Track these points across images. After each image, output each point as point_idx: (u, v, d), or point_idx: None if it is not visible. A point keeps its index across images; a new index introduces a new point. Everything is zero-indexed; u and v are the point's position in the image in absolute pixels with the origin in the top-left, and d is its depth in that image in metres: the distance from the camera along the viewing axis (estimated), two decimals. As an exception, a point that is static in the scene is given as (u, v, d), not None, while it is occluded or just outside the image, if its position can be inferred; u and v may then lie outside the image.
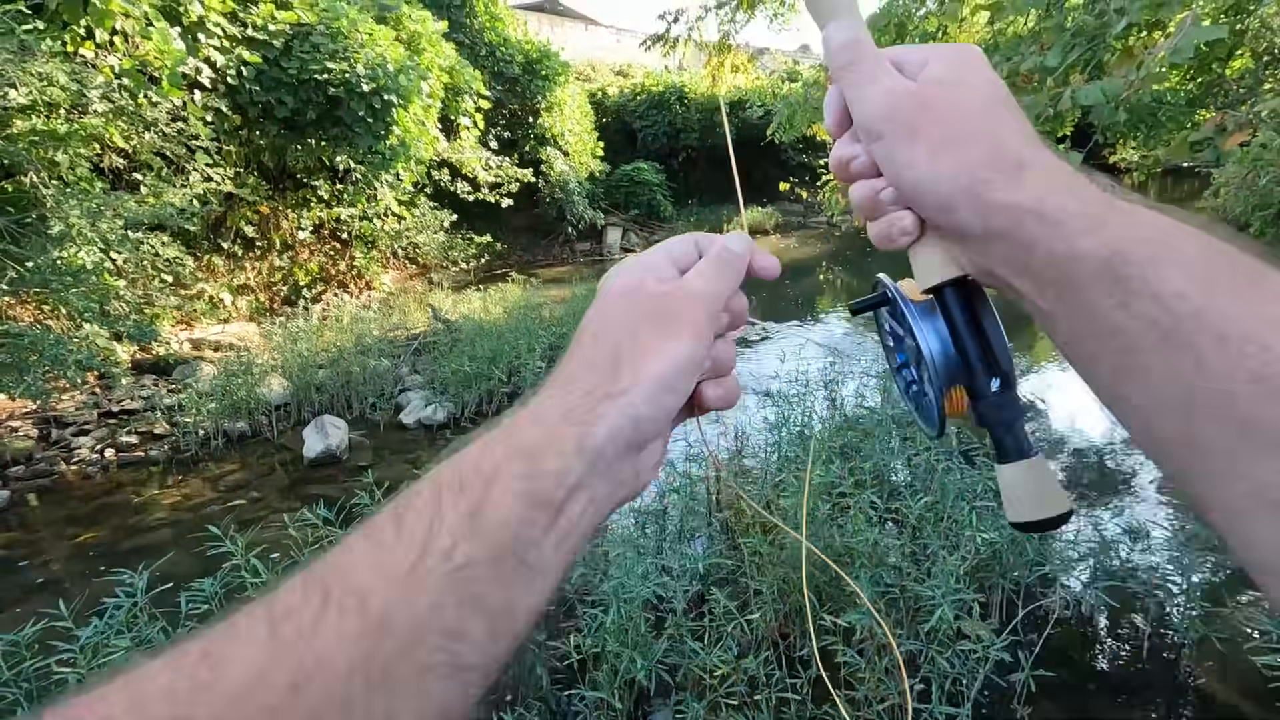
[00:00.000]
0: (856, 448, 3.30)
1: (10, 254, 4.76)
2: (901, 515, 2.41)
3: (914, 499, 2.36)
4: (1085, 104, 4.43)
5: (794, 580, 2.14)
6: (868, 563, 2.14)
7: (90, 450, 4.82)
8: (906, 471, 3.02)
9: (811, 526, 2.30)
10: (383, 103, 8.06)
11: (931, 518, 2.42)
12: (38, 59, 4.76)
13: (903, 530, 2.42)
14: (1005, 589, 2.36)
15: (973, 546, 2.19)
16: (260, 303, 8.70)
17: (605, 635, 1.85)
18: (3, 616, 2.89)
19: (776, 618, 2.16)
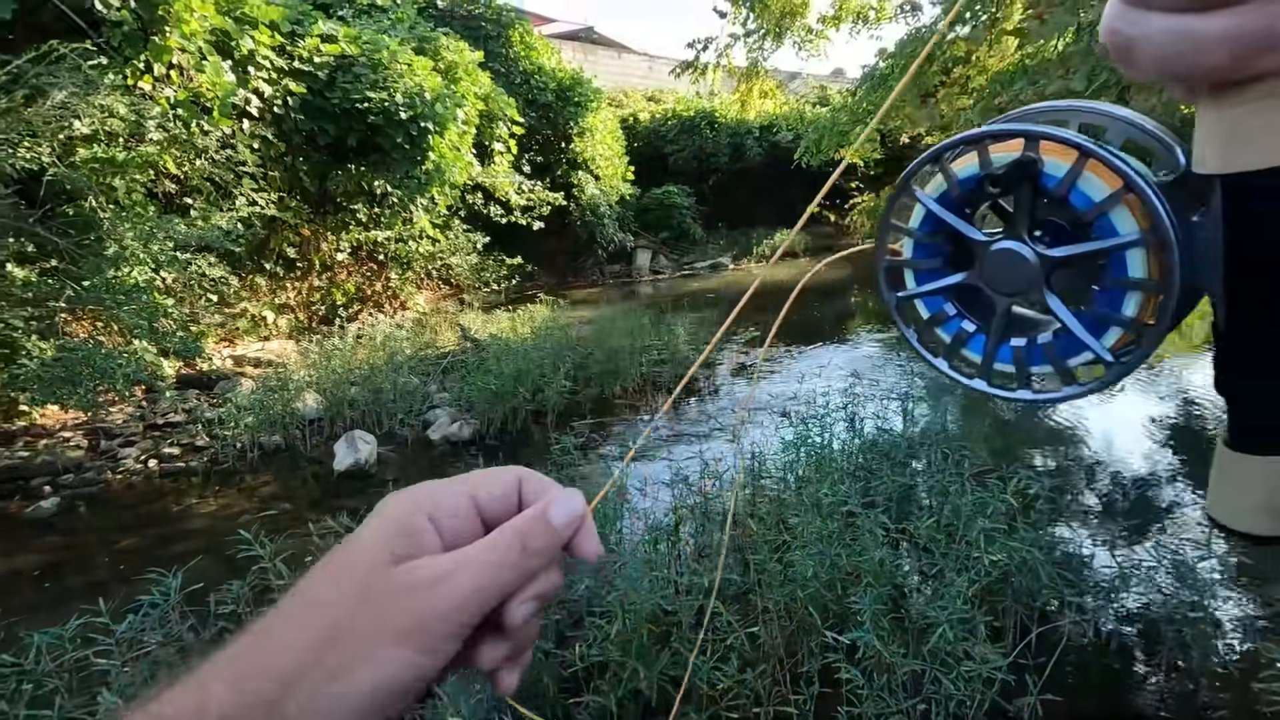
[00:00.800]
0: (872, 469, 3.31)
1: (69, 273, 5.06)
2: (912, 535, 2.41)
3: (925, 519, 2.36)
4: (1111, 127, 4.41)
5: (801, 598, 2.16)
6: (875, 582, 2.15)
7: (135, 460, 5.04)
8: (922, 492, 3.01)
9: (819, 545, 2.32)
10: (420, 129, 8.35)
11: (943, 539, 2.41)
12: (101, 92, 5.09)
13: (913, 550, 2.42)
14: (1018, 613, 2.34)
15: (981, 568, 2.19)
16: (299, 321, 9.01)
17: (610, 646, 1.90)
18: (48, 613, 3.04)
19: (783, 634, 2.18)
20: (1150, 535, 3.23)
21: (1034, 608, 2.31)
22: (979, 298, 0.42)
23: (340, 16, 9.77)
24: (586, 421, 5.22)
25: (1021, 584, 2.30)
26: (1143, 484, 3.90)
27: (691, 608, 2.10)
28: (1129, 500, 3.74)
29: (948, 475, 2.66)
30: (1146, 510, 3.57)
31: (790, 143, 16.31)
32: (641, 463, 4.38)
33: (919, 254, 0.43)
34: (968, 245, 0.41)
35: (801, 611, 2.18)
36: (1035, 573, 2.27)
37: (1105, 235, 0.37)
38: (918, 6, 7.54)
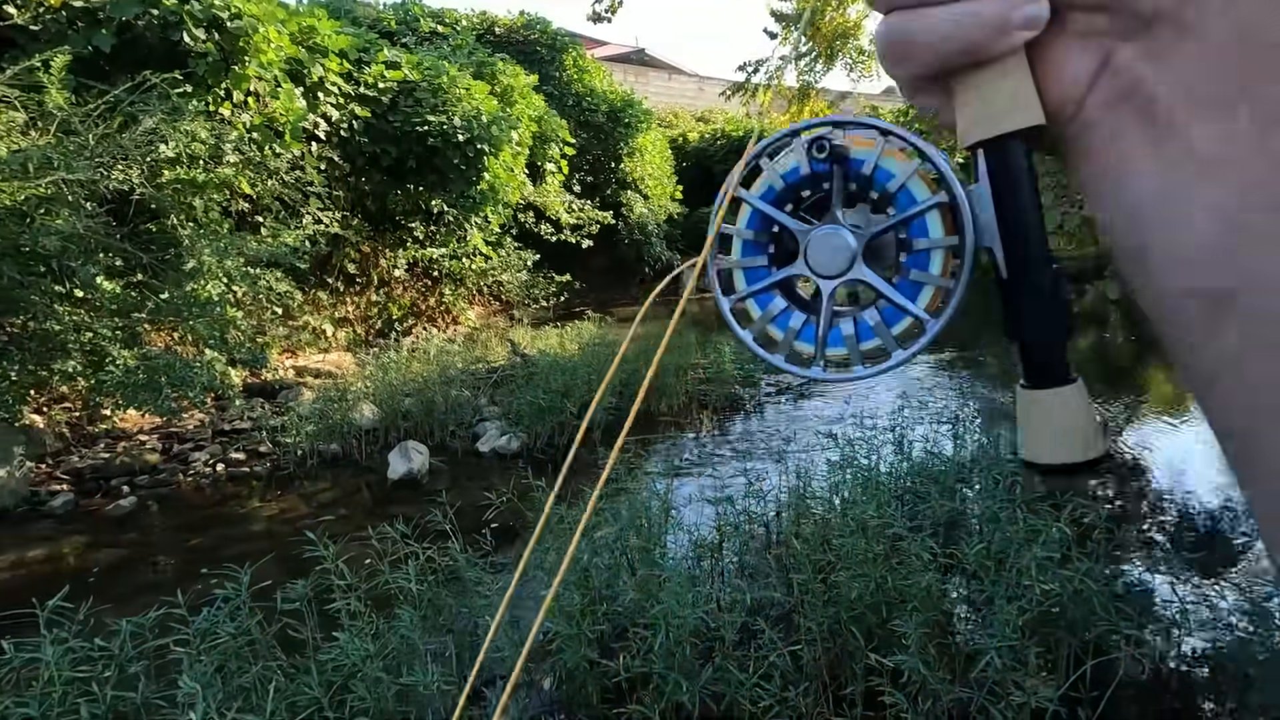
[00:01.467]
0: (920, 493, 3.27)
1: (150, 286, 5.41)
2: (959, 560, 2.38)
3: (972, 545, 2.33)
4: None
5: (845, 619, 2.16)
6: (921, 606, 2.13)
7: (204, 464, 5.32)
8: (972, 518, 2.96)
9: (863, 567, 2.31)
10: (476, 151, 8.65)
11: (993, 566, 2.37)
12: (186, 118, 5.45)
13: (961, 576, 2.38)
14: (1071, 645, 2.28)
15: (1034, 597, 2.15)
16: (357, 334, 9.36)
17: (653, 658, 1.93)
18: (126, 606, 3.24)
19: (826, 656, 2.18)
20: (1217, 570, 3.10)
21: (1088, 640, 2.25)
22: (797, 291, 0.47)
23: (404, 44, 10.24)
24: (633, 437, 5.28)
25: (1075, 615, 2.25)
26: (1209, 517, 3.73)
27: (734, 624, 2.12)
28: (1193, 533, 3.59)
29: (999, 501, 2.62)
30: (1212, 544, 3.42)
31: (840, 162, 16.18)
32: (686, 479, 4.41)
33: (746, 253, 0.47)
34: (790, 238, 0.44)
35: (846, 633, 2.18)
36: (1090, 604, 2.21)
37: (906, 206, 0.41)
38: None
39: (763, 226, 0.48)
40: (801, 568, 2.42)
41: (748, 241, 0.48)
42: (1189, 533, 3.60)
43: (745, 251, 0.49)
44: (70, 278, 4.63)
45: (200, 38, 5.90)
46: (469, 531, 2.88)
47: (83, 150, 4.69)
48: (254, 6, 6.30)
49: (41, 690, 1.81)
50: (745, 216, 0.49)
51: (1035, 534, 2.30)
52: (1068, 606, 2.25)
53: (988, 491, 2.78)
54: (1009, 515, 2.54)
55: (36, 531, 4.32)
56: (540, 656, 2.35)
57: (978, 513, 2.82)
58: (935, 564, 2.33)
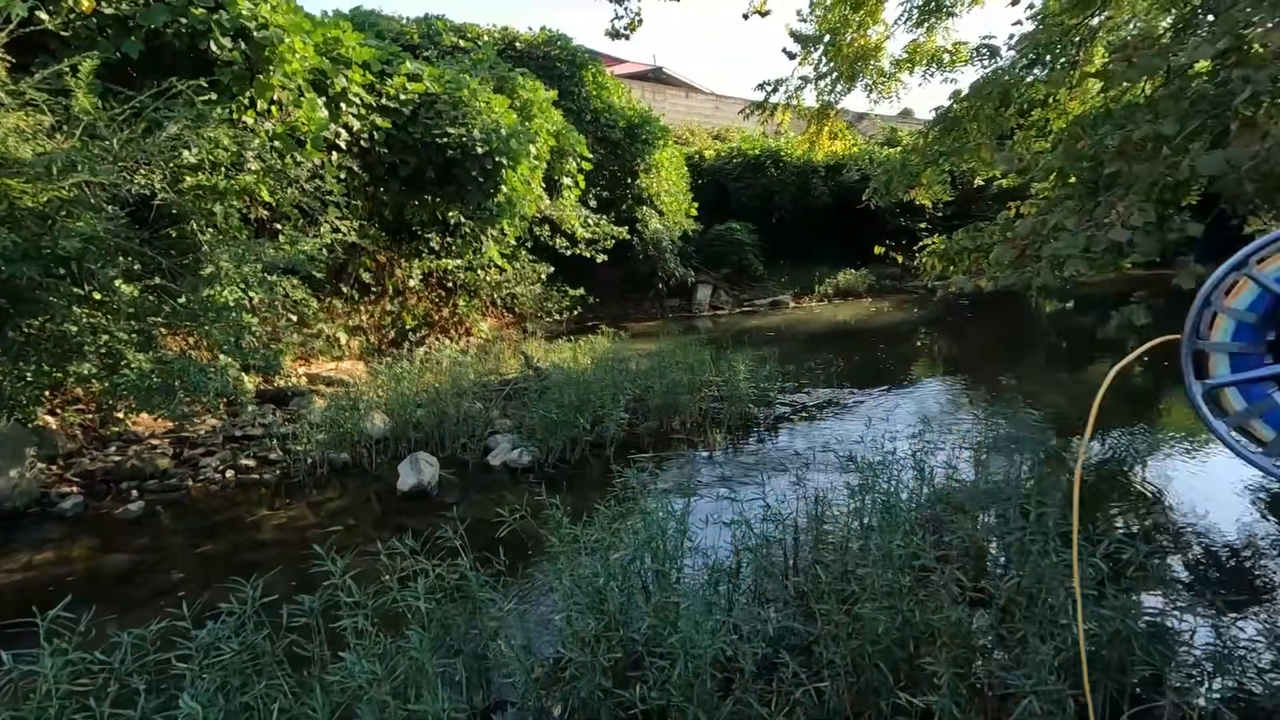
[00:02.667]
0: (944, 521, 3.17)
1: (168, 290, 5.41)
2: (989, 596, 2.29)
3: (1001, 579, 2.24)
4: (1206, 173, 4.19)
5: (870, 653, 2.07)
6: (949, 642, 2.04)
7: (214, 470, 5.29)
8: (998, 550, 2.86)
9: (890, 599, 2.22)
10: (494, 164, 8.68)
11: (1024, 602, 2.28)
12: (209, 125, 5.48)
13: (991, 612, 2.29)
14: (1107, 688, 2.17)
15: (1069, 636, 2.05)
16: (370, 343, 9.36)
17: (671, 689, 1.85)
18: (131, 615, 3.19)
19: (850, 691, 2.09)
20: (1256, 611, 2.97)
21: (1126, 684, 2.14)
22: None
23: (425, 57, 10.33)
24: (646, 455, 5.20)
25: (1112, 657, 2.14)
26: (1239, 554, 3.60)
27: (754, 655, 2.04)
28: (1224, 571, 3.46)
29: (1029, 533, 2.52)
30: (1246, 583, 3.29)
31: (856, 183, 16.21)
32: (700, 499, 4.33)
33: (1240, 337, 0.40)
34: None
35: (870, 669, 2.09)
36: (1128, 645, 2.11)
37: None
38: (995, 50, 7.43)
39: (1270, 312, 0.41)
40: (824, 597, 2.33)
41: (1245, 324, 0.42)
42: (1213, 569, 3.47)
43: (1239, 335, 0.42)
44: (89, 280, 4.64)
45: (227, 46, 5.96)
46: (480, 548, 2.81)
47: (107, 154, 4.72)
48: (280, 17, 6.37)
49: (38, 704, 1.75)
50: (1248, 297, 0.42)
51: (1070, 569, 2.20)
52: (1104, 647, 2.15)
53: (1015, 522, 2.68)
54: (1040, 548, 2.45)
55: (46, 534, 4.30)
56: (550, 683, 2.27)
57: (1005, 544, 2.72)
58: (963, 597, 2.24)
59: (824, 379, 7.62)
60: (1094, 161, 5.07)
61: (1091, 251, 4.94)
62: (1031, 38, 6.47)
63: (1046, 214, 5.30)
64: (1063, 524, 2.47)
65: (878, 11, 8.54)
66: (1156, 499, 4.41)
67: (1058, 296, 13.65)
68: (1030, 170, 6.09)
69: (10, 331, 4.36)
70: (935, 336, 11.62)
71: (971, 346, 10.81)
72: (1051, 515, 2.51)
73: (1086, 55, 7.21)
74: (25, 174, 4.19)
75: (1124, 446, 5.36)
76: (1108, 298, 13.78)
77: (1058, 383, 7.71)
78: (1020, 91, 6.94)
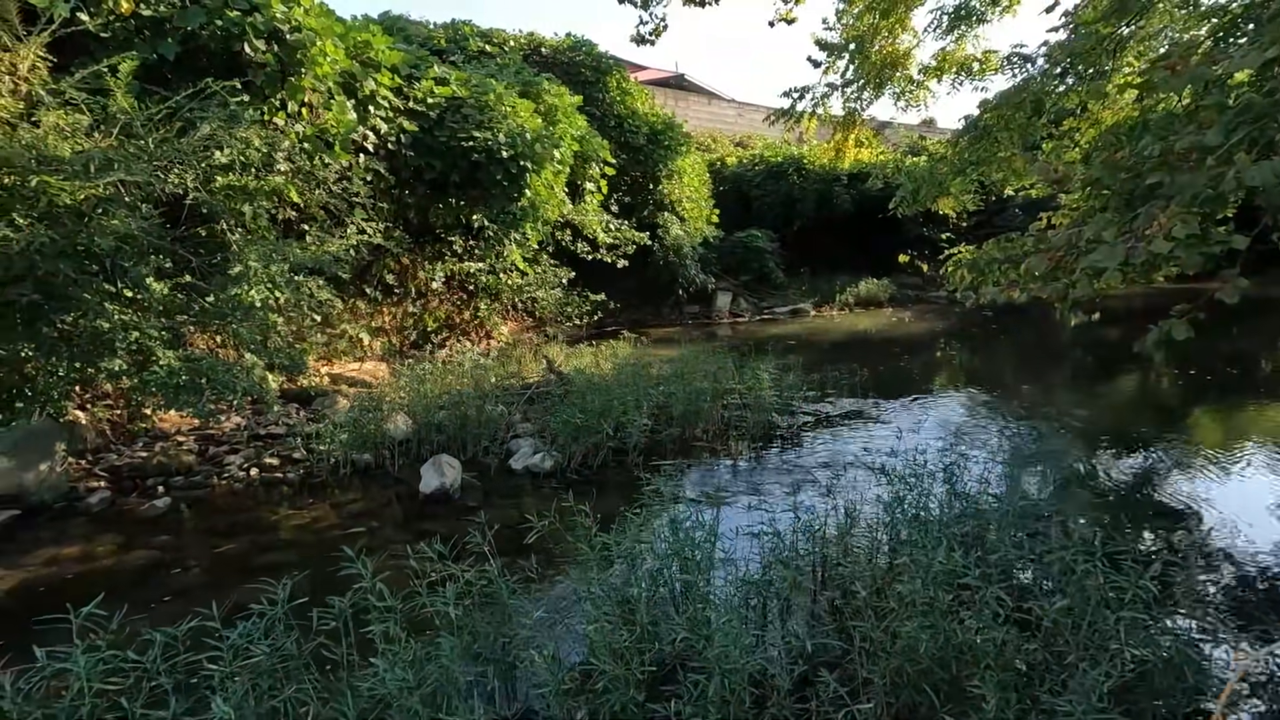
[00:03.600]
0: (980, 538, 3.09)
1: (197, 289, 5.46)
2: (1034, 617, 2.21)
3: (1048, 600, 2.17)
4: (1252, 185, 4.09)
5: (909, 673, 2.01)
6: (994, 665, 1.97)
7: (238, 468, 5.31)
8: (1038, 569, 2.78)
9: (928, 618, 2.16)
10: (519, 168, 8.70)
11: (1069, 624, 2.20)
12: (241, 126, 5.54)
13: (1034, 634, 2.21)
14: (1159, 716, 2.09)
15: (1119, 662, 1.97)
16: (392, 345, 9.41)
17: (708, 705, 1.80)
18: (155, 612, 3.19)
19: (889, 712, 2.02)
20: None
21: (1178, 712, 2.06)
22: None
23: (452, 62, 10.41)
24: (668, 462, 5.16)
25: (1162, 684, 2.06)
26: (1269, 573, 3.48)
27: (792, 673, 1.98)
28: (1261, 592, 3.34)
29: (1072, 553, 2.44)
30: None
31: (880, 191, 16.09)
32: (725, 508, 4.27)
33: None
34: None
35: (909, 688, 2.02)
36: (1180, 671, 2.03)
37: None
38: (1029, 58, 7.32)
39: None
40: (859, 613, 2.27)
41: None
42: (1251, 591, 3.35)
43: None
44: (121, 277, 4.69)
45: (260, 48, 6.03)
46: (506, 553, 2.78)
47: (142, 153, 4.78)
48: (313, 20, 6.43)
49: (70, 702, 1.74)
50: None
51: (1121, 591, 2.12)
52: (1154, 674, 2.07)
53: (1059, 541, 2.60)
54: (1085, 569, 2.37)
55: (72, 528, 4.33)
56: (578, 693, 2.22)
57: (1046, 563, 2.64)
58: (1008, 618, 2.17)
59: (847, 389, 7.53)
60: (1132, 172, 4.97)
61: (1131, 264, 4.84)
62: (1066, 46, 6.37)
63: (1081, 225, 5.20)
64: (1109, 543, 2.39)
65: (906, 19, 8.46)
66: (1192, 516, 4.28)
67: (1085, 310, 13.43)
68: (1066, 181, 6.00)
69: (44, 327, 4.41)
70: (959, 348, 11.46)
71: (996, 359, 10.65)
72: (1099, 533, 2.43)
73: (1117, 65, 7.09)
74: (64, 171, 4.25)
75: (1158, 461, 5.22)
76: (1132, 312, 13.54)
77: (1084, 397, 7.56)
78: (1053, 101, 6.84)
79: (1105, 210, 5.59)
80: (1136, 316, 12.81)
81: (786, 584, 2.53)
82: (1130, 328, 12.17)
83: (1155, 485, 4.83)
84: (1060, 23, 7.00)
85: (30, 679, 1.78)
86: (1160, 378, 8.50)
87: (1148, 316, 4.29)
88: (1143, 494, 4.65)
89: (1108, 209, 5.56)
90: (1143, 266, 5.29)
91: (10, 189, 4.30)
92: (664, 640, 2.20)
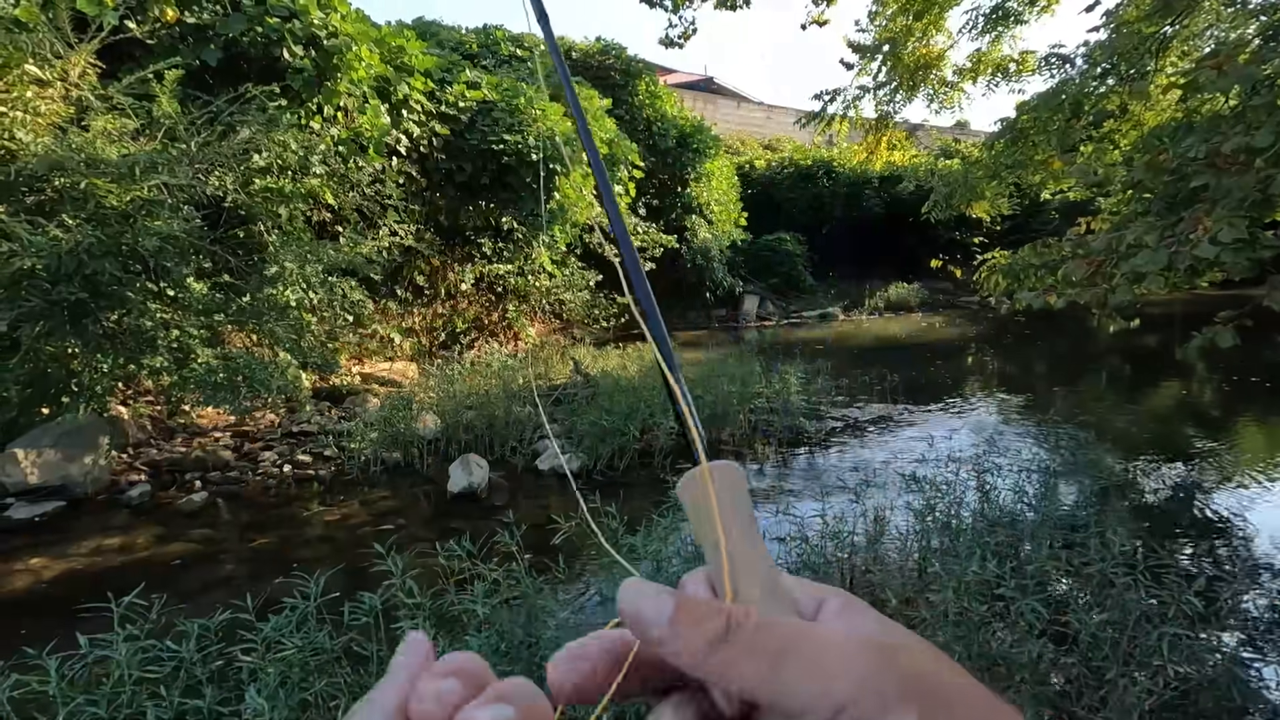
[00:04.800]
0: (1014, 548, 3.02)
1: (235, 289, 5.60)
2: (1071, 630, 2.15)
3: (1087, 614, 2.11)
4: (1306, 188, 3.94)
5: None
6: (1029, 678, 1.92)
7: (272, 464, 5.42)
8: (1074, 582, 2.70)
9: (960, 629, 2.11)
10: (548, 171, 8.76)
11: (1108, 639, 2.14)
12: (279, 130, 5.68)
13: (1072, 648, 2.15)
14: (1202, 736, 2.02)
15: (1162, 679, 1.91)
16: (422, 345, 9.53)
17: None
18: (191, 603, 3.27)
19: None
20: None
21: (1224, 733, 1.99)
22: None
23: (484, 66, 10.53)
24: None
25: (1208, 703, 1.99)
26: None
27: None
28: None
29: (1112, 564, 2.37)
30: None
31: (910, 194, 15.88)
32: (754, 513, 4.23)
33: None
34: None
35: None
36: (1227, 692, 1.95)
37: None
38: (1068, 58, 7.16)
39: None
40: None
41: None
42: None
43: None
44: (164, 277, 4.83)
45: (299, 54, 6.16)
46: (532, 553, 2.80)
47: (184, 156, 4.91)
48: (350, 26, 6.56)
49: (111, 689, 1.79)
50: None
51: (1164, 606, 2.05)
52: (1198, 692, 2.00)
53: (1098, 552, 2.53)
54: (1125, 582, 2.30)
55: (115, 520, 4.46)
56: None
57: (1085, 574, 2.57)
58: (1044, 631, 2.12)
59: (877, 394, 7.43)
60: (1176, 175, 4.84)
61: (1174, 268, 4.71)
62: (1107, 46, 6.22)
63: (1122, 230, 5.07)
64: (1151, 558, 2.32)
65: (941, 20, 8.34)
66: (1237, 530, 4.14)
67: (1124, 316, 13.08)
68: (1105, 184, 5.85)
69: (90, 325, 4.56)
70: (992, 354, 11.25)
71: (1030, 365, 10.43)
72: (1140, 546, 2.36)
73: (1160, 65, 6.90)
74: (110, 174, 4.38)
75: (1201, 472, 5.06)
76: (1171, 319, 13.15)
77: (1122, 405, 7.36)
78: (1093, 102, 6.68)
79: (1147, 214, 5.44)
80: (1176, 324, 12.44)
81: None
82: (1169, 335, 11.82)
83: (1198, 497, 4.68)
84: (1100, 22, 6.84)
85: (74, 664, 1.83)
86: (1202, 387, 8.24)
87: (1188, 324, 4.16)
88: (1185, 506, 4.51)
89: (1149, 212, 5.41)
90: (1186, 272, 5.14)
91: (61, 191, 4.46)
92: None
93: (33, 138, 4.46)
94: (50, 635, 2.09)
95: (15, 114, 4.50)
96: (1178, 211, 4.87)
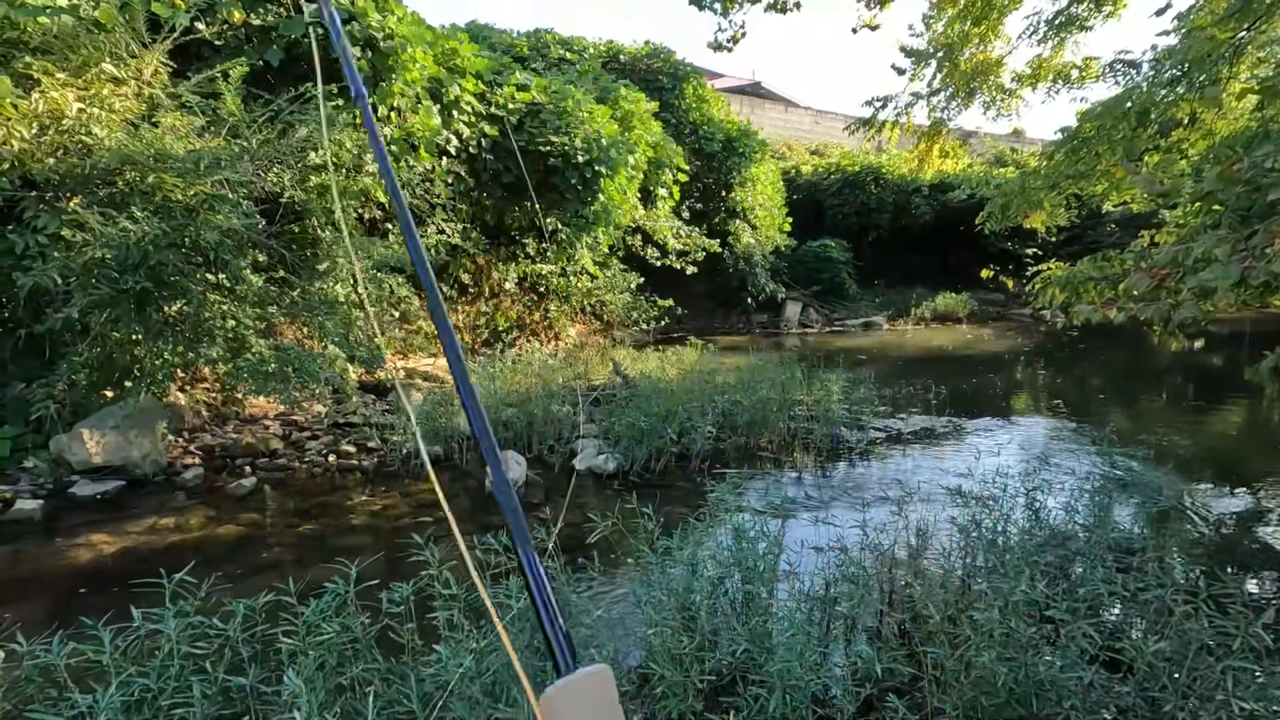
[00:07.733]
0: (1064, 569, 2.91)
1: (288, 282, 5.77)
2: (1127, 658, 2.05)
3: (1144, 642, 2.01)
4: (1394, 201, 3.71)
5: (985, 706, 1.89)
6: (1080, 705, 1.84)
7: (318, 453, 5.57)
8: (1129, 607, 2.58)
9: (1007, 650, 2.03)
10: (593, 173, 8.82)
11: (1166, 669, 2.03)
12: (335, 129, 5.83)
13: (1126, 677, 2.05)
14: (1267, 779, 1.90)
15: (1225, 715, 1.80)
16: (465, 343, 9.69)
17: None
18: (238, 584, 3.38)
19: (960, 746, 1.92)
20: None
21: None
22: None
23: (533, 68, 10.66)
24: (731, 471, 5.09)
25: (1275, 744, 1.87)
26: None
27: (856, 694, 1.90)
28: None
29: (1171, 591, 2.26)
30: None
31: (962, 203, 15.48)
32: (790, 520, 4.17)
33: None
34: None
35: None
36: (1297, 733, 1.83)
37: None
38: (1134, 65, 6.89)
39: None
40: (931, 639, 2.17)
41: None
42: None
43: None
44: (223, 269, 5.00)
45: (356, 55, 6.33)
46: (567, 550, 2.80)
47: (245, 153, 5.09)
48: (405, 28, 6.71)
49: (160, 663, 1.85)
50: None
51: (1228, 638, 1.94)
52: (1265, 731, 1.88)
53: (1155, 577, 2.41)
54: (1185, 610, 2.18)
55: (170, 501, 4.64)
56: (634, 695, 2.21)
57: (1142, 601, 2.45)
58: (1096, 657, 2.02)
59: (921, 406, 7.25)
60: (1250, 186, 4.61)
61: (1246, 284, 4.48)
62: (1178, 52, 5.96)
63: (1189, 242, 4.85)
64: (1214, 586, 2.20)
65: (999, 26, 8.12)
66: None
67: (1188, 335, 12.50)
68: (1173, 195, 5.60)
69: (153, 313, 4.75)
70: (1044, 368, 10.87)
71: (1085, 381, 10.04)
72: (1204, 574, 2.24)
73: (1234, 71, 6.59)
74: (176, 169, 4.57)
75: (1268, 499, 4.79)
76: (1236, 339, 12.52)
77: (1183, 426, 7.02)
78: (1160, 110, 6.41)
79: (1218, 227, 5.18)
80: (1246, 342, 11.84)
81: (855, 602, 2.44)
82: (1234, 354, 11.25)
83: (1265, 526, 4.43)
84: (1171, 27, 6.57)
85: (127, 636, 1.90)
86: (1272, 408, 7.82)
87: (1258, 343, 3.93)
88: (1250, 534, 4.27)
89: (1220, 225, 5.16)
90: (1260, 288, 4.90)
91: (131, 184, 4.67)
92: (724, 650, 2.16)
93: (107, 133, 4.68)
94: (107, 608, 2.17)
95: (93, 110, 4.73)
96: (1251, 225, 4.63)
